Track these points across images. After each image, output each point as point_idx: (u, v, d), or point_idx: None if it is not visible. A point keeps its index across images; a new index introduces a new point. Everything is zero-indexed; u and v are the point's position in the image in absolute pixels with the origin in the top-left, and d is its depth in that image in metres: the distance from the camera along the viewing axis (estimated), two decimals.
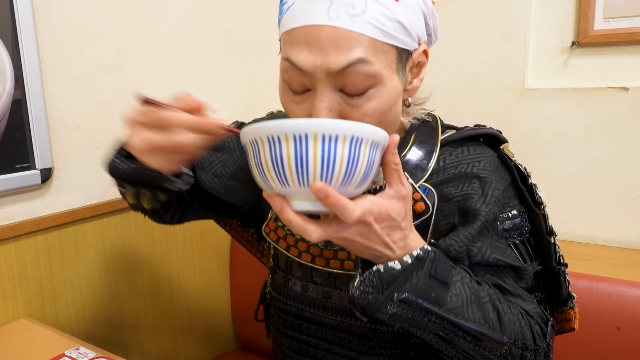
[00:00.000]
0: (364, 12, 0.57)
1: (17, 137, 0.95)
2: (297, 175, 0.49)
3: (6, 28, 0.91)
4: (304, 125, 0.48)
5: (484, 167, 0.69)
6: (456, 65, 1.38)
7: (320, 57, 0.58)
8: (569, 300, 0.74)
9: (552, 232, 0.71)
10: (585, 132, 1.24)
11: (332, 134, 0.48)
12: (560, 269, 0.72)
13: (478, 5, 1.32)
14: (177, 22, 1.25)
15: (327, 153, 0.48)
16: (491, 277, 0.68)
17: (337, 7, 0.57)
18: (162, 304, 1.27)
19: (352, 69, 0.57)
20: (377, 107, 0.60)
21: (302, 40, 0.59)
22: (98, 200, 1.11)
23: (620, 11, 1.19)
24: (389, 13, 0.58)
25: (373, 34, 0.58)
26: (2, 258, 0.95)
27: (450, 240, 0.66)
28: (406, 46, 0.62)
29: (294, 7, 0.60)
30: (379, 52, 0.59)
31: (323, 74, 0.58)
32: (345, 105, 0.60)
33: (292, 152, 0.48)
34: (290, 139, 0.48)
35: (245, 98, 1.48)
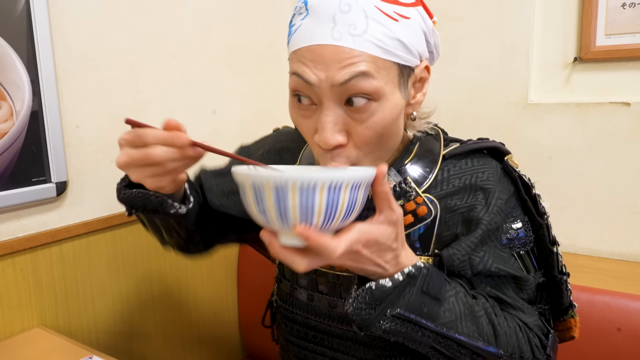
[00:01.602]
0: (365, 32, 0.60)
1: (34, 151, 0.98)
2: (279, 220, 0.52)
3: (25, 47, 0.95)
4: (283, 177, 0.50)
5: (487, 178, 0.71)
6: (460, 80, 1.40)
7: (324, 72, 0.61)
8: (570, 309, 0.76)
9: (555, 242, 0.73)
10: (588, 146, 1.26)
11: (309, 183, 0.50)
12: (562, 278, 0.74)
13: (482, 21, 1.35)
14: (187, 38, 1.29)
15: (305, 201, 0.51)
16: (491, 289, 0.69)
17: (340, 28, 0.60)
18: (171, 314, 1.29)
19: (354, 82, 0.60)
20: (379, 121, 0.63)
21: (308, 58, 0.62)
22: (110, 212, 1.14)
23: (621, 27, 1.21)
24: (389, 32, 0.61)
25: (374, 52, 0.61)
26: (19, 268, 0.98)
27: (452, 249, 0.68)
28: (407, 62, 0.65)
29: (301, 28, 0.63)
30: (381, 69, 0.62)
31: (328, 88, 0.61)
32: (349, 119, 0.63)
33: (274, 200, 0.51)
34: (272, 189, 0.51)
35: (252, 111, 1.52)
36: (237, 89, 1.45)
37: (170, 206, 0.68)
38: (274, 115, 1.62)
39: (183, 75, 1.28)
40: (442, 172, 0.73)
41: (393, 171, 0.73)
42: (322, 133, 0.63)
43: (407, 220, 0.70)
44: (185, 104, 1.30)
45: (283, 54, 1.65)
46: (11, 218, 0.97)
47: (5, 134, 0.93)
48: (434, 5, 1.44)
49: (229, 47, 1.41)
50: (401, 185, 0.72)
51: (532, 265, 0.73)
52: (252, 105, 1.51)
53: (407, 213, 0.71)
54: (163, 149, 0.59)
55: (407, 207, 0.71)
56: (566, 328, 0.77)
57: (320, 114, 0.63)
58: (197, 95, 1.33)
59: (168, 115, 1.24)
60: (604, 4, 1.22)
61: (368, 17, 0.61)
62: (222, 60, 1.39)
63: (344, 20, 0.60)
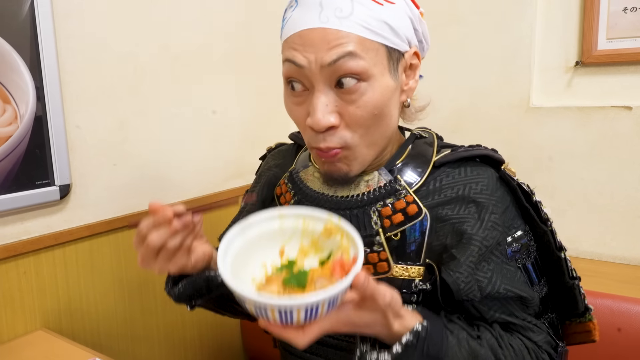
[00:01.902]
0: (351, 14, 0.63)
1: (37, 154, 0.98)
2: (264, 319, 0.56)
3: (29, 51, 0.95)
4: (262, 301, 0.53)
5: (480, 191, 0.71)
6: (462, 84, 1.40)
7: (314, 54, 0.64)
8: (587, 312, 0.76)
9: (562, 247, 0.73)
10: (590, 150, 1.26)
11: (287, 310, 0.53)
12: (574, 283, 0.74)
13: (483, 25, 1.35)
14: (190, 41, 1.29)
15: (284, 318, 0.54)
16: (500, 315, 0.69)
17: (327, 12, 0.64)
18: (173, 317, 1.30)
19: (342, 62, 0.63)
20: (370, 101, 0.65)
21: (298, 43, 0.65)
22: (113, 215, 1.14)
23: (623, 32, 1.22)
24: (375, 14, 0.64)
25: (361, 32, 0.64)
26: (22, 271, 0.99)
27: (455, 273, 0.67)
28: (395, 46, 0.67)
29: (291, 18, 0.68)
30: (368, 50, 0.64)
31: (318, 69, 0.64)
32: (340, 101, 0.66)
33: (254, 310, 0.54)
34: (252, 306, 0.54)
35: (255, 114, 1.52)
36: (239, 92, 1.46)
37: (215, 277, 0.71)
38: (275, 119, 1.63)
39: (186, 78, 1.29)
40: (434, 182, 0.73)
41: (384, 170, 0.74)
42: (313, 115, 0.65)
43: (397, 219, 0.71)
44: (188, 107, 1.30)
45: None
46: (15, 221, 0.98)
47: (9, 137, 0.94)
48: (436, 9, 1.46)
49: (231, 51, 1.42)
50: (392, 184, 0.72)
51: (536, 276, 0.73)
52: (253, 108, 1.52)
53: (397, 211, 0.71)
54: (155, 234, 0.62)
55: (397, 205, 0.71)
56: (585, 331, 0.77)
57: (312, 96, 0.66)
58: (200, 98, 1.33)
59: (170, 120, 1.25)
60: (605, 8, 1.22)
61: (353, 1, 0.64)
62: (224, 63, 1.40)
63: (330, 5, 0.64)
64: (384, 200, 0.71)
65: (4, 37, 0.91)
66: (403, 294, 0.70)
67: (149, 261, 0.65)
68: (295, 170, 0.82)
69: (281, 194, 0.83)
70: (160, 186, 1.25)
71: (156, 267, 0.66)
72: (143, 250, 0.64)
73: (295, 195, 0.79)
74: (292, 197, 0.80)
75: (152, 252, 0.63)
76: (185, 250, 0.67)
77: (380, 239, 0.70)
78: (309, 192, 0.78)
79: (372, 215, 0.71)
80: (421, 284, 0.71)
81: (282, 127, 1.66)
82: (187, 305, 0.77)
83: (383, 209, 0.71)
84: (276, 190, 0.85)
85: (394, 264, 0.71)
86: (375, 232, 0.71)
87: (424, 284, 0.70)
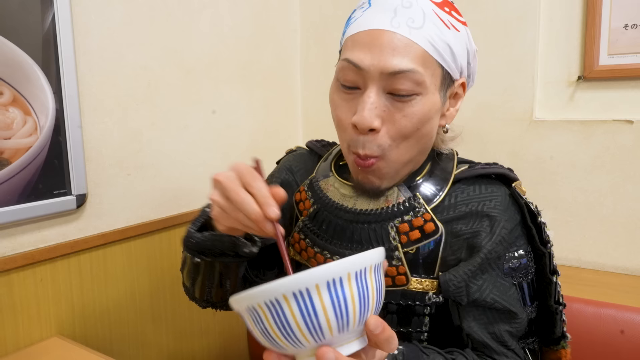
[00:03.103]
0: (421, 27, 0.65)
1: (55, 165, 1.01)
2: (309, 332, 0.45)
3: (50, 65, 0.98)
4: (302, 279, 0.44)
5: (494, 206, 0.73)
6: (468, 97, 1.42)
7: (378, 56, 0.65)
8: (562, 339, 0.77)
9: (555, 271, 0.74)
10: (592, 162, 1.29)
11: (335, 277, 0.45)
12: (557, 308, 0.75)
13: (488, 39, 1.39)
14: (202, 55, 1.32)
15: (335, 298, 0.45)
16: (478, 330, 0.70)
17: (400, 19, 0.65)
18: (181, 324, 1.32)
19: (404, 75, 0.64)
20: (417, 114, 0.66)
21: (365, 42, 0.66)
22: (126, 224, 1.17)
23: (624, 48, 1.25)
24: (442, 35, 0.66)
25: (426, 47, 0.65)
26: (39, 279, 1.01)
27: (450, 275, 0.70)
28: (451, 70, 0.69)
29: (361, 17, 0.68)
30: (428, 66, 0.66)
31: (377, 73, 0.65)
32: (389, 106, 0.66)
33: (297, 310, 0.44)
34: (291, 299, 0.45)
35: (263, 125, 1.55)
36: (248, 104, 1.49)
37: (244, 244, 0.69)
38: (282, 129, 1.66)
39: (197, 90, 1.32)
40: (449, 198, 0.75)
41: (404, 187, 0.75)
42: (360, 112, 0.66)
43: (414, 236, 0.72)
44: (199, 119, 1.33)
45: (293, 70, 1.69)
46: (33, 229, 1.00)
47: (29, 148, 0.96)
48: None
49: (242, 64, 1.45)
50: (410, 201, 0.74)
51: (529, 298, 0.74)
52: (262, 120, 1.55)
53: (414, 228, 0.73)
54: (246, 223, 0.59)
55: (415, 222, 0.73)
56: (556, 358, 0.78)
57: (363, 95, 0.67)
58: (210, 109, 1.36)
59: (181, 130, 1.28)
60: (607, 24, 1.26)
61: (426, 17, 0.65)
62: (235, 76, 1.43)
63: (404, 13, 0.65)
64: (402, 217, 0.73)
65: (27, 51, 0.94)
66: (417, 306, 0.73)
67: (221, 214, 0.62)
68: (315, 179, 0.83)
69: (300, 201, 0.84)
70: (172, 195, 1.27)
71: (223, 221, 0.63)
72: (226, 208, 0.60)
73: (314, 203, 0.81)
74: (311, 205, 0.81)
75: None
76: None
77: (399, 254, 0.72)
78: (329, 202, 0.79)
79: (390, 230, 0.73)
80: (434, 296, 0.73)
81: (289, 137, 1.70)
82: (194, 256, 0.74)
83: (401, 225, 0.73)
84: (295, 196, 0.86)
85: (410, 276, 0.73)
86: (394, 247, 0.73)
87: (437, 297, 0.73)
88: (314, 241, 0.79)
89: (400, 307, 0.73)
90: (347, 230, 0.76)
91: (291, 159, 0.93)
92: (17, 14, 0.92)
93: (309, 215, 0.81)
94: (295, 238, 0.84)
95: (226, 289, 0.81)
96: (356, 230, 0.75)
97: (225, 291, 0.81)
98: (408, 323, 0.74)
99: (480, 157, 0.87)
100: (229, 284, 0.80)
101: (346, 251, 0.76)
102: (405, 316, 0.74)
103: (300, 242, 0.82)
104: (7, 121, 0.93)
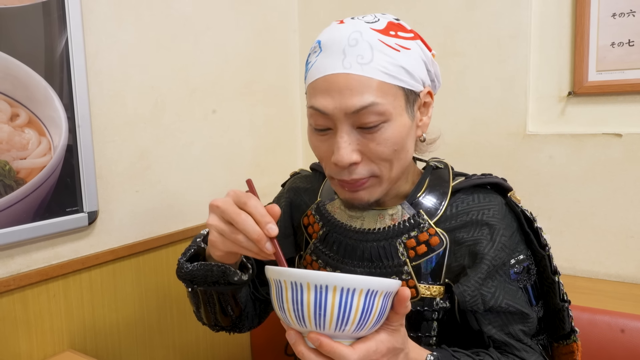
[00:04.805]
0: (371, 61, 0.69)
1: (68, 183, 1.04)
2: (314, 319, 0.55)
3: (63, 86, 1.02)
4: (325, 277, 0.53)
5: (492, 215, 0.78)
6: (462, 112, 1.48)
7: (338, 99, 0.69)
8: (572, 334, 0.82)
9: (557, 272, 0.79)
10: (584, 174, 1.34)
11: (349, 287, 0.53)
12: (563, 305, 0.80)
13: (482, 56, 1.44)
14: (207, 74, 1.37)
15: (344, 303, 0.54)
16: (497, 331, 0.75)
17: (350, 59, 0.69)
18: (187, 337, 1.34)
19: (365, 110, 0.68)
20: (390, 138, 0.71)
21: (323, 88, 0.70)
22: (134, 239, 1.20)
23: (611, 64, 1.31)
24: (393, 61, 0.70)
25: (381, 78, 0.69)
26: (52, 294, 1.04)
27: (462, 286, 0.74)
28: (411, 87, 0.73)
29: (316, 63, 0.72)
30: (387, 94, 0.70)
31: (342, 114, 0.69)
32: (362, 139, 0.71)
33: (312, 299, 0.54)
34: (312, 288, 0.54)
35: (264, 142, 1.59)
36: (249, 122, 1.53)
37: (234, 274, 0.72)
38: (283, 145, 1.70)
39: (202, 109, 1.36)
40: (450, 208, 0.79)
41: (407, 204, 0.80)
42: (337, 153, 0.70)
43: (421, 250, 0.77)
44: (204, 136, 1.37)
45: (293, 88, 1.74)
46: (47, 246, 1.03)
47: (44, 167, 1.00)
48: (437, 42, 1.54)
49: (243, 82, 1.49)
50: (415, 218, 0.78)
51: (534, 298, 0.79)
52: (263, 136, 1.59)
53: (421, 243, 0.77)
54: (246, 245, 0.63)
55: (421, 237, 0.77)
56: (569, 352, 0.83)
57: (336, 136, 0.71)
58: (215, 127, 1.40)
59: (187, 147, 1.31)
60: (595, 42, 1.32)
61: (373, 49, 0.69)
62: (237, 94, 1.48)
63: (352, 52, 0.69)
64: (409, 233, 0.78)
65: (42, 74, 0.98)
66: (425, 311, 0.77)
67: (220, 237, 0.65)
68: (322, 203, 0.88)
69: (309, 224, 0.88)
70: (178, 211, 1.31)
71: (220, 246, 0.66)
72: (226, 232, 0.64)
73: (323, 226, 0.85)
74: (320, 228, 0.86)
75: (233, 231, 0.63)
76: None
77: (408, 269, 0.77)
78: (337, 223, 0.83)
79: (398, 247, 0.78)
80: (441, 302, 0.77)
81: (289, 153, 1.74)
82: (187, 285, 0.78)
83: (408, 241, 0.77)
84: (303, 220, 0.90)
85: (418, 284, 0.77)
86: (403, 262, 0.77)
87: (444, 302, 0.77)
88: (327, 262, 0.84)
89: (410, 313, 0.77)
90: (357, 249, 0.80)
91: (297, 180, 0.98)
92: (33, 39, 0.96)
93: (319, 238, 0.85)
94: (307, 260, 0.88)
95: (229, 314, 0.84)
96: (366, 249, 0.80)
97: (230, 316, 0.85)
98: (418, 328, 0.78)
99: (476, 170, 0.91)
100: (230, 309, 0.84)
101: (357, 269, 0.80)
102: (415, 321, 0.78)
103: (312, 264, 0.87)
104: (23, 142, 0.97)
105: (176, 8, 1.27)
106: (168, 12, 1.25)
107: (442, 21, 1.48)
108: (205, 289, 0.78)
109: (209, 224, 0.65)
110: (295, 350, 0.58)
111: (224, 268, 0.72)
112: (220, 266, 0.72)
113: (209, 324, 0.88)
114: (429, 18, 1.50)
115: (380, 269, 0.78)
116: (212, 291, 0.80)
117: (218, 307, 0.83)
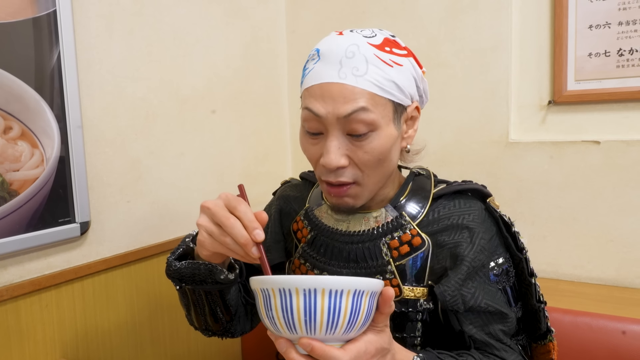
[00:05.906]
0: (365, 74, 0.73)
1: (60, 194, 1.06)
2: (305, 324, 0.56)
3: (56, 99, 1.04)
4: (313, 281, 0.55)
5: (472, 219, 0.82)
6: (447, 121, 1.52)
7: (331, 106, 0.73)
8: (548, 334, 0.86)
9: (533, 274, 0.83)
10: (564, 180, 1.38)
11: (337, 289, 0.55)
12: (539, 306, 0.84)
13: (465, 67, 1.48)
14: (196, 86, 1.39)
15: (332, 306, 0.55)
16: (478, 331, 0.78)
17: (345, 70, 0.73)
18: (179, 346, 1.35)
19: (356, 115, 0.72)
20: (376, 147, 0.75)
21: (319, 94, 0.74)
22: (126, 249, 1.21)
23: (589, 74, 1.36)
24: (386, 75, 0.74)
25: (373, 90, 0.73)
26: (44, 305, 1.05)
27: (443, 286, 0.78)
28: (400, 101, 0.77)
29: (313, 70, 0.76)
30: (378, 105, 0.74)
31: (334, 119, 0.73)
32: (350, 145, 0.75)
33: (302, 304, 0.55)
34: (300, 293, 0.55)
35: (254, 151, 1.62)
36: (239, 132, 1.56)
37: (220, 272, 0.74)
38: (272, 155, 1.73)
39: (192, 120, 1.38)
40: (432, 213, 0.83)
41: (390, 207, 0.84)
42: (327, 155, 0.74)
43: (404, 250, 0.80)
44: (194, 147, 1.39)
45: (281, 98, 1.77)
46: (39, 257, 1.04)
47: (36, 179, 1.01)
48: (422, 53, 1.59)
49: (233, 94, 1.52)
50: (398, 219, 0.82)
51: (513, 299, 0.83)
52: (253, 146, 1.61)
53: (403, 243, 0.81)
54: (235, 249, 0.65)
55: (403, 238, 0.81)
56: (546, 351, 0.87)
57: (326, 140, 0.75)
58: (205, 138, 1.43)
59: (178, 157, 1.33)
60: (573, 53, 1.36)
61: (368, 63, 0.73)
62: (227, 105, 1.50)
63: (348, 64, 0.73)
64: (392, 234, 0.81)
65: (34, 88, 1.00)
66: (410, 313, 0.80)
67: (210, 238, 0.67)
68: (310, 209, 0.91)
69: (298, 230, 0.92)
70: (169, 221, 1.32)
71: (209, 245, 0.68)
72: (215, 234, 0.66)
73: (312, 230, 0.89)
74: (308, 232, 0.89)
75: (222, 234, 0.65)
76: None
77: (392, 268, 0.80)
78: (324, 227, 0.87)
79: (382, 247, 0.81)
80: (425, 303, 0.80)
81: (279, 162, 1.76)
82: (175, 284, 0.80)
83: (391, 242, 0.81)
84: (293, 226, 0.93)
85: (402, 285, 0.80)
86: (386, 262, 0.81)
87: (427, 304, 0.80)
88: (314, 264, 0.87)
89: (395, 314, 0.80)
90: (343, 252, 0.84)
91: (287, 189, 1.01)
92: (25, 53, 0.98)
93: (308, 242, 0.89)
94: (295, 264, 0.91)
95: (219, 317, 0.86)
96: (352, 250, 0.83)
97: (219, 319, 0.87)
98: (403, 329, 0.81)
99: (460, 178, 0.95)
100: (220, 311, 0.86)
101: (344, 270, 0.83)
102: (400, 322, 0.81)
103: (300, 267, 0.89)
104: (16, 154, 0.98)
105: (166, 22, 1.29)
106: (159, 26, 1.27)
107: (426, 33, 1.53)
108: (194, 288, 0.80)
109: (199, 224, 0.68)
110: (287, 358, 0.60)
111: (211, 267, 0.74)
112: (208, 264, 0.74)
113: (200, 328, 0.90)
114: (413, 30, 1.55)
115: (364, 269, 0.81)
116: (201, 291, 0.81)
117: (207, 309, 0.85)
